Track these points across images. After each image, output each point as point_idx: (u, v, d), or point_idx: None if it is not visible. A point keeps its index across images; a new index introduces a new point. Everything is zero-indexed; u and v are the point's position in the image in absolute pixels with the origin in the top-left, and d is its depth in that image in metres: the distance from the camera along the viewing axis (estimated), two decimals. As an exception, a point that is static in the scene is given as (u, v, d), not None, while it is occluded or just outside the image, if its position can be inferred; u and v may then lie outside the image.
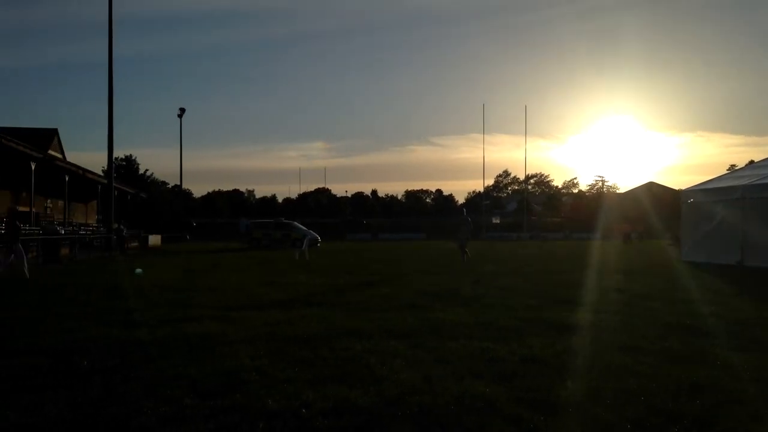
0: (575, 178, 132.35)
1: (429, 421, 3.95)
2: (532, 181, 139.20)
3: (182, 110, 70.26)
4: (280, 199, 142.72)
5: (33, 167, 30.39)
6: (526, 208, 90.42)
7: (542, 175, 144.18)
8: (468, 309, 9.10)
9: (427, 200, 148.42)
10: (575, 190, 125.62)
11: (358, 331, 7.14)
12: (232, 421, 3.88)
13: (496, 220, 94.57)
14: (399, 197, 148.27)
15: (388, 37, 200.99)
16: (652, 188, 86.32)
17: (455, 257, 21.16)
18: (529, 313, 8.62)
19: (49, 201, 43.58)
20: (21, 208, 36.65)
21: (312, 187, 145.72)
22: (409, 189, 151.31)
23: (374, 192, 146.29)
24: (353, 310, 9.02)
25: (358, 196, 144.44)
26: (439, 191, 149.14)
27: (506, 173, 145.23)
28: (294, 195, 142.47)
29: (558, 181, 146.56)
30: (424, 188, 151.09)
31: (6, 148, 26.77)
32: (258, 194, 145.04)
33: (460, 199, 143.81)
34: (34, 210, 34.66)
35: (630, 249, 24.06)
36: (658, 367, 5.40)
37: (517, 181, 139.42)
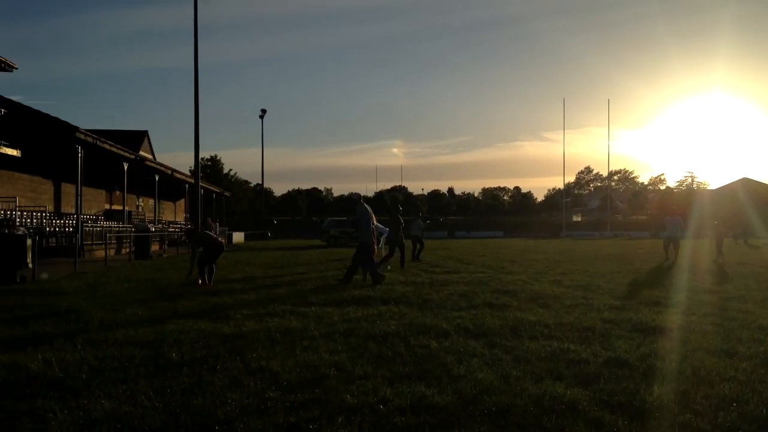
0: (662, 174, 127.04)
1: (507, 422, 3.91)
2: (615, 177, 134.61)
3: (263, 111, 72.27)
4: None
5: (125, 167, 32.08)
6: (609, 205, 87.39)
7: (626, 171, 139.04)
8: (548, 309, 8.92)
9: (505, 198, 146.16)
10: (662, 187, 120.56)
11: (435, 329, 7.14)
12: (312, 415, 3.96)
13: (577, 218, 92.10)
14: (476, 195, 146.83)
15: (465, 37, 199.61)
16: (746, 184, 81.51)
17: (534, 256, 20.76)
18: (613, 314, 8.35)
19: (140, 199, 45.85)
20: (114, 207, 38.77)
21: (388, 185, 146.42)
22: (486, 187, 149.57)
23: (450, 190, 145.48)
24: (430, 308, 9.02)
25: (435, 193, 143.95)
26: (517, 189, 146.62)
27: (588, 169, 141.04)
28: (370, 193, 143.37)
29: (644, 178, 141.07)
30: (502, 186, 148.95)
31: (101, 150, 28.39)
32: (336, 192, 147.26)
33: (539, 196, 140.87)
34: (126, 208, 36.56)
35: (726, 248, 22.89)
36: (752, 372, 5.12)
37: (600, 178, 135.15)
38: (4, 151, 23.25)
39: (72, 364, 5.29)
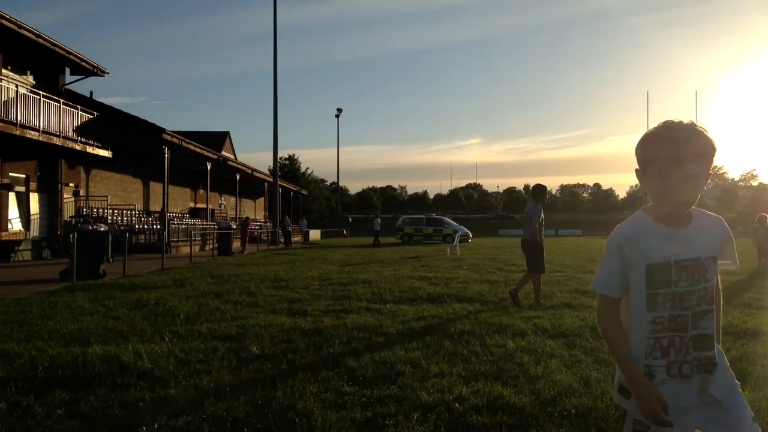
0: (754, 170, 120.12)
1: (587, 425, 3.81)
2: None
3: (339, 110, 73.25)
4: (431, 195, 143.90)
5: (209, 167, 33.29)
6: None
7: (715, 166, 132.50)
8: (629, 309, 8.61)
9: (584, 195, 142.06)
10: (755, 183, 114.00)
11: (512, 328, 7.04)
12: (388, 411, 4.00)
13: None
14: (553, 192, 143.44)
15: (547, 35, 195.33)
16: None
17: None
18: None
19: (222, 197, 47.46)
20: (198, 205, 40.31)
21: (463, 183, 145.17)
22: (565, 183, 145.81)
23: (527, 187, 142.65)
24: (506, 307, 8.90)
25: (510, 191, 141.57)
26: (597, 185, 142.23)
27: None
28: (445, 190, 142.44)
29: (734, 174, 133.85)
30: (581, 182, 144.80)
31: (186, 150, 29.59)
32: (410, 190, 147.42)
33: (621, 193, 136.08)
34: (209, 206, 37.93)
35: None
36: None
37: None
38: (96, 152, 24.62)
39: (160, 355, 5.54)
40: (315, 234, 53.39)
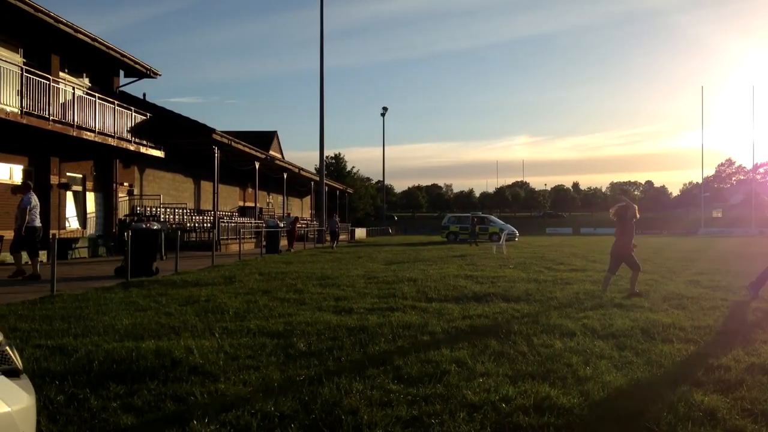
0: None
1: (638, 427, 3.73)
2: (761, 170, 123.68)
3: (385, 109, 73.39)
4: (477, 193, 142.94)
5: (257, 166, 33.82)
6: (753, 200, 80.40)
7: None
8: (684, 311, 8.39)
9: (636, 192, 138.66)
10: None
11: (560, 328, 6.94)
12: (434, 410, 3.99)
13: (716, 214, 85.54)
14: (603, 190, 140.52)
15: (597, 34, 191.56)
16: None
17: (668, 254, 19.57)
18: (758, 317, 7.70)
19: (270, 196, 48.15)
20: (247, 203, 41.00)
21: (509, 181, 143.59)
22: (615, 181, 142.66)
23: (575, 184, 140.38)
24: (554, 307, 8.77)
25: (558, 189, 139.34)
26: (649, 183, 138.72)
27: (729, 162, 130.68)
28: (491, 189, 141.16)
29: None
30: (632, 180, 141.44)
31: (235, 150, 30.12)
32: (455, 188, 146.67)
33: (674, 191, 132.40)
34: (257, 205, 38.54)
35: None
36: None
37: (743, 171, 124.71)
38: (150, 152, 25.31)
39: (210, 351, 5.66)
40: (361, 232, 53.65)
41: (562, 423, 3.79)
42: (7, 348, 2.39)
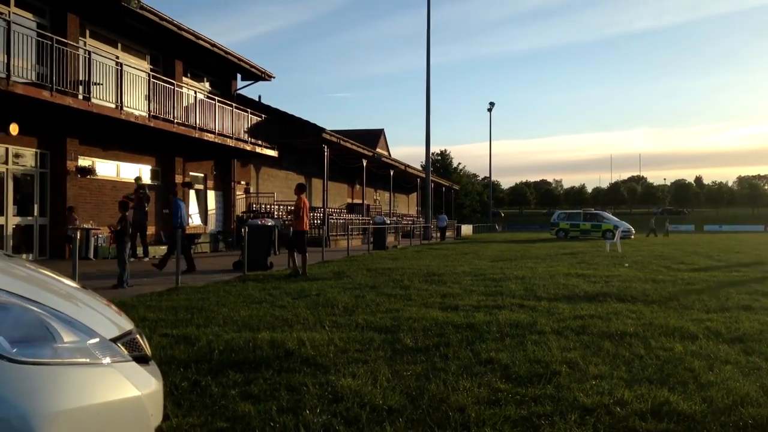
0: None
1: (769, 440, 3.46)
2: None
3: (492, 104, 72.45)
4: (589, 189, 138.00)
5: (364, 164, 34.44)
6: None
7: None
8: (822, 315, 7.67)
9: (766, 187, 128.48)
10: None
11: (680, 331, 6.56)
12: (544, 411, 3.90)
13: None
14: (729, 184, 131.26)
15: (715, 25, 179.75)
16: None
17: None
18: None
19: (377, 193, 48.86)
20: (355, 200, 41.84)
21: (624, 175, 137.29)
22: (743, 175, 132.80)
23: (698, 179, 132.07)
24: (673, 308, 8.30)
25: (679, 183, 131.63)
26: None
27: None
28: (604, 184, 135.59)
29: None
30: (762, 174, 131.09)
31: (344, 148, 30.86)
32: (566, 184, 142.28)
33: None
34: (365, 201, 39.24)
35: None
36: None
37: None
38: (264, 152, 26.44)
39: (321, 343, 5.84)
40: (467, 229, 53.25)
41: (682, 429, 3.59)
42: (138, 336, 2.58)
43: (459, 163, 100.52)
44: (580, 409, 3.94)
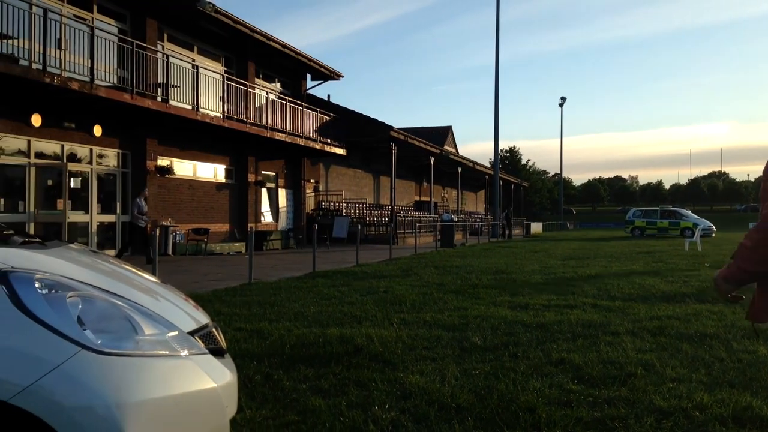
0: None
1: None
2: None
3: (563, 99, 70.80)
4: (667, 185, 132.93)
5: (432, 161, 34.35)
6: None
7: None
8: None
9: None
10: None
11: (765, 333, 6.22)
12: (618, 414, 3.79)
13: None
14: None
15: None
16: None
17: None
18: None
19: (444, 190, 48.68)
20: (422, 198, 41.82)
21: (705, 171, 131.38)
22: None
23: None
24: (758, 310, 7.87)
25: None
26: None
27: None
28: (683, 180, 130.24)
29: None
30: None
31: (411, 146, 30.87)
32: (642, 180, 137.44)
33: None
34: (432, 199, 39.14)
35: None
36: None
37: None
38: (333, 150, 26.79)
39: (389, 340, 5.87)
40: (536, 227, 52.27)
41: (768, 439, 3.41)
42: (214, 330, 2.68)
43: (528, 160, 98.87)
44: (656, 413, 3.81)
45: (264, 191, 25.14)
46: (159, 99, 17.04)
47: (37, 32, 13.24)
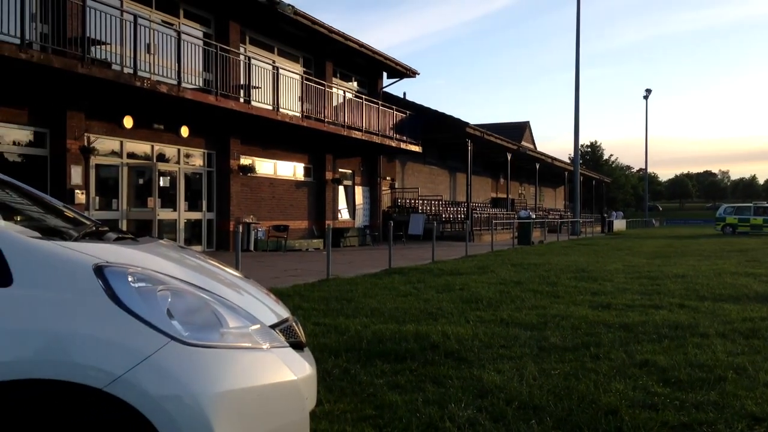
0: None
1: None
2: None
3: (648, 91, 68.03)
4: (761, 180, 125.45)
5: (509, 157, 33.83)
6: None
7: None
8: None
9: None
10: None
11: None
12: (707, 418, 3.62)
13: None
14: None
15: None
16: None
17: None
18: None
19: (522, 187, 47.84)
20: (499, 194, 41.27)
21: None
22: None
23: None
24: None
25: None
26: None
27: None
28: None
29: None
30: None
31: (487, 142, 30.52)
32: (733, 175, 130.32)
33: None
34: (509, 196, 38.54)
35: None
36: None
37: None
38: (409, 148, 26.85)
39: (465, 337, 5.84)
40: (620, 224, 50.47)
41: None
42: (294, 324, 2.75)
43: (610, 155, 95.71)
44: (748, 418, 3.62)
45: (341, 189, 25.50)
46: (241, 100, 17.61)
47: (128, 38, 13.96)
